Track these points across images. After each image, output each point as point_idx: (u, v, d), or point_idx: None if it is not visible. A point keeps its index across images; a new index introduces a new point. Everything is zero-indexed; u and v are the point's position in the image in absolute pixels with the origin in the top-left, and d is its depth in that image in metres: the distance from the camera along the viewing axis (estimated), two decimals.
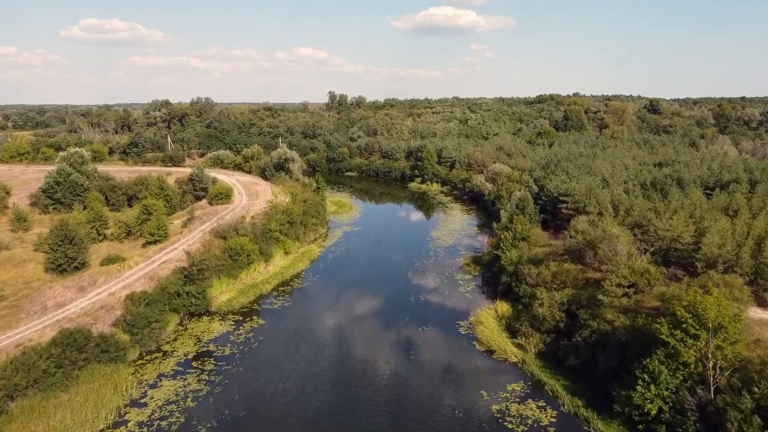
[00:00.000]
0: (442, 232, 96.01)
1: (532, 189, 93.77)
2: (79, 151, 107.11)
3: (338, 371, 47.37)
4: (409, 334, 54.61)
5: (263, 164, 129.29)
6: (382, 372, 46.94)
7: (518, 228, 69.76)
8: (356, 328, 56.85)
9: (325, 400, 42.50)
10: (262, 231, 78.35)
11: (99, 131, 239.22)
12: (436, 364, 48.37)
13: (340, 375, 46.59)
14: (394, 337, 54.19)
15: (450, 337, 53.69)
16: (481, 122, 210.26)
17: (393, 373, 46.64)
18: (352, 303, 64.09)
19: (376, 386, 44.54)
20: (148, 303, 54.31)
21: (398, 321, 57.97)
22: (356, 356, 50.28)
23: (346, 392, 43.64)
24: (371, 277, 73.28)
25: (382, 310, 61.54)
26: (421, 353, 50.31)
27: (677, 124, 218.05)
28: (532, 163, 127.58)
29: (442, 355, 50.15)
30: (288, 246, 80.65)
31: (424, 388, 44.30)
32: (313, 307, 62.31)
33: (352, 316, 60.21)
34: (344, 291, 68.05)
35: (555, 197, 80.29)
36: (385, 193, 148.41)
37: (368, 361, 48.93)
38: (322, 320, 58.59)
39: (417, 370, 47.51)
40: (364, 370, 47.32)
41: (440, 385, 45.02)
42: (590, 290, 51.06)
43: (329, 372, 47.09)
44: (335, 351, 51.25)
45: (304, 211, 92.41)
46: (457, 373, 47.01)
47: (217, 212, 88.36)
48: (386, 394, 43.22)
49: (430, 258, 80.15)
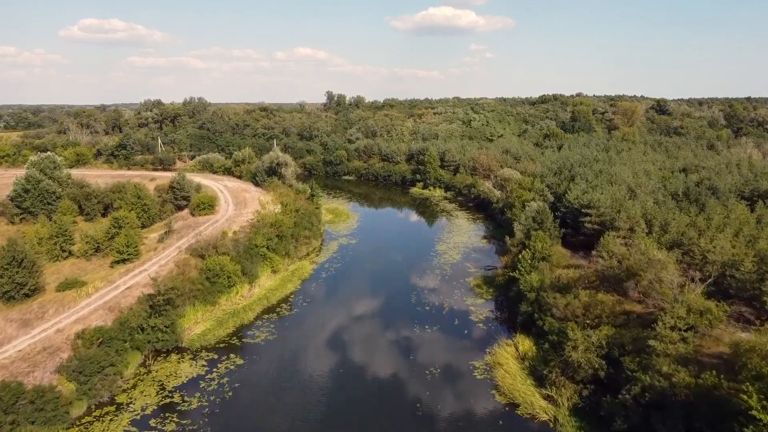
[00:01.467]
0: (448, 245, 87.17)
1: (547, 198, 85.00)
2: (50, 156, 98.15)
3: (328, 429, 38.59)
4: (414, 380, 45.73)
5: (254, 169, 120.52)
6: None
7: (537, 246, 60.94)
8: (350, 371, 47.94)
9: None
10: (247, 247, 69.52)
11: (88, 132, 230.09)
12: (448, 424, 39.53)
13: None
14: (396, 385, 45.27)
15: (464, 385, 44.80)
16: (485, 123, 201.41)
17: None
18: (346, 336, 55.25)
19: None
20: (103, 342, 45.48)
21: (401, 361, 49.15)
22: (350, 410, 41.43)
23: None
24: (369, 302, 64.44)
25: (382, 346, 52.70)
26: (429, 407, 41.41)
27: (688, 125, 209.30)
28: (542, 168, 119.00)
29: (455, 408, 41.29)
30: (276, 263, 71.77)
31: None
32: (300, 342, 53.40)
33: (346, 353, 51.35)
34: (338, 320, 59.20)
35: (576, 209, 71.50)
36: (384, 199, 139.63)
37: (365, 418, 40.15)
38: (310, 360, 49.70)
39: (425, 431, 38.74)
40: (360, 431, 38.58)
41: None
42: (633, 329, 42.30)
43: (318, 429, 38.37)
44: (325, 401, 42.37)
45: (295, 223, 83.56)
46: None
47: (198, 224, 79.52)
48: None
49: (435, 277, 71.34)
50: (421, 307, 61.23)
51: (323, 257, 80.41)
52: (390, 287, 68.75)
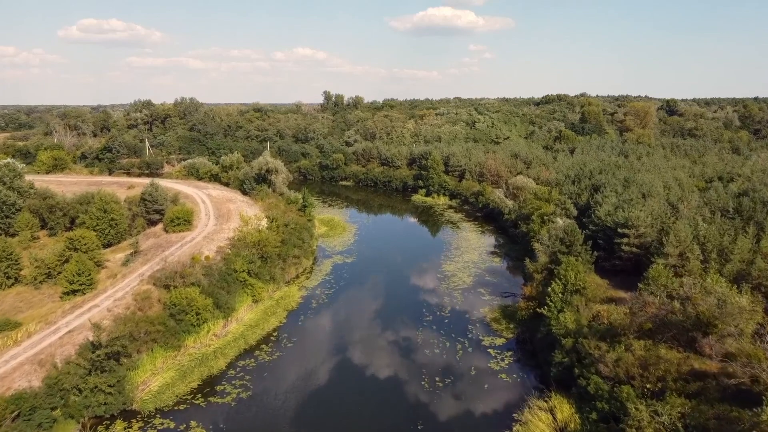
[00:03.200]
0: (457, 264, 76.87)
1: (570, 212, 74.81)
2: (10, 163, 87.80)
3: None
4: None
5: (242, 176, 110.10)
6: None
7: (570, 276, 50.63)
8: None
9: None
10: (224, 273, 59.22)
11: (75, 134, 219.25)
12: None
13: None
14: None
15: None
16: (490, 125, 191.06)
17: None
18: (335, 391, 44.89)
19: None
20: (20, 413, 35.18)
21: (405, 430, 38.85)
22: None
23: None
24: (365, 344, 54.01)
25: (381, 407, 42.35)
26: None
27: (703, 127, 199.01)
28: (557, 174, 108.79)
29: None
30: (258, 291, 61.39)
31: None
32: (279, 401, 42.99)
33: (334, 416, 41.00)
34: (327, 366, 48.81)
35: (609, 228, 61.22)
36: (384, 206, 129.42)
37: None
38: (291, 426, 39.39)
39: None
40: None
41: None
42: (716, 404, 32.04)
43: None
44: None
45: (283, 240, 73.23)
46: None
47: (170, 243, 69.18)
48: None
49: (444, 306, 61.06)
50: (430, 350, 50.88)
51: (314, 281, 70.05)
52: (390, 322, 58.35)
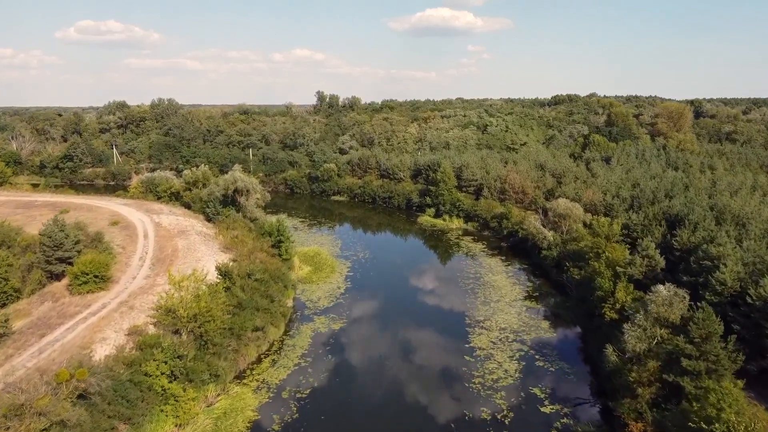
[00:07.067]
0: (490, 333, 53.94)
1: (657, 262, 51.86)
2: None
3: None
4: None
5: (205, 196, 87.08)
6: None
7: (730, 418, 27.72)
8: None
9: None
10: (123, 387, 36.15)
11: (43, 139, 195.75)
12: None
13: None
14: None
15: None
16: (504, 129, 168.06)
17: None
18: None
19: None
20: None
21: None
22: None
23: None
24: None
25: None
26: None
27: (743, 131, 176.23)
28: (602, 194, 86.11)
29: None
30: (184, 407, 38.27)
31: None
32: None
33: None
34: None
35: (757, 306, 38.06)
36: (384, 225, 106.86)
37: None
38: None
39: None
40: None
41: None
42: None
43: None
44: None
45: (240, 304, 50.26)
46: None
47: (66, 315, 46.08)
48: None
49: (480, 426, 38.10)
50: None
51: (282, 370, 46.85)
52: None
